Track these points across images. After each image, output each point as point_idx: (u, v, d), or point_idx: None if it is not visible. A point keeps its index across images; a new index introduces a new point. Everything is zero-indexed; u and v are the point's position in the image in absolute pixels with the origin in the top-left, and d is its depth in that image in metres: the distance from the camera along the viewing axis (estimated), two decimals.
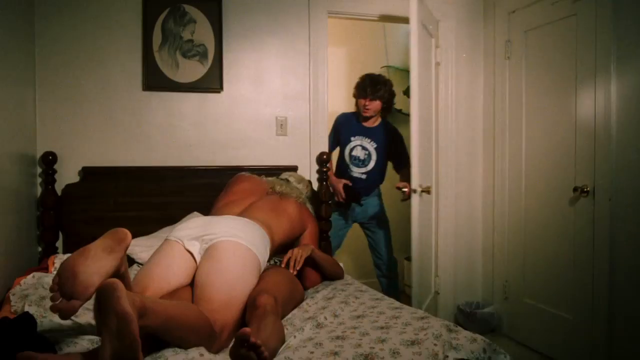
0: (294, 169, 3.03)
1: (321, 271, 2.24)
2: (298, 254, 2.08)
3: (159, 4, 2.83)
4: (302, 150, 3.11)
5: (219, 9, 2.92)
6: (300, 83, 3.13)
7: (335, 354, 1.32)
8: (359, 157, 3.25)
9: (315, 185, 3.11)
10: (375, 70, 4.24)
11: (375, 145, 3.23)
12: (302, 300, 1.94)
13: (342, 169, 3.30)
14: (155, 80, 2.84)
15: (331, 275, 2.27)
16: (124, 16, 2.81)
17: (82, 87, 2.76)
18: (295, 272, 2.04)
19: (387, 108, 3.24)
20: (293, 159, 3.07)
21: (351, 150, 3.26)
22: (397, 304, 1.81)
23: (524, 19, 3.04)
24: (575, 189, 2.66)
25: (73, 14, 2.73)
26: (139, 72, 2.84)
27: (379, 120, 3.28)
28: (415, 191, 2.74)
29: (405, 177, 3.15)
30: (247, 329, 1.17)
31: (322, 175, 3.09)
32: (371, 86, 3.10)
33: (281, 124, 3.08)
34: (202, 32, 2.90)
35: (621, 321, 2.43)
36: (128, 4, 2.82)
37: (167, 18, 2.85)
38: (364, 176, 3.25)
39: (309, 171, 3.12)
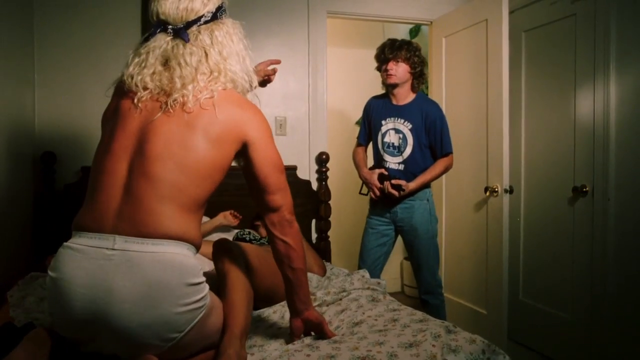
0: (293, 169, 3.02)
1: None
2: None
3: None
4: (301, 150, 3.11)
5: None
6: (300, 83, 3.12)
7: (332, 357, 1.31)
8: (392, 143, 2.60)
9: (314, 186, 3.12)
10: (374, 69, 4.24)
11: (410, 126, 2.56)
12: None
13: (377, 163, 2.68)
14: None
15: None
16: (123, 16, 2.81)
17: (81, 87, 2.76)
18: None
19: (418, 76, 2.59)
20: (292, 159, 3.06)
21: (383, 136, 2.63)
22: (395, 304, 1.80)
23: (522, 18, 3.03)
24: (574, 189, 2.65)
25: (72, 14, 2.73)
26: None
27: (413, 95, 2.63)
28: (507, 191, 2.73)
29: (437, 170, 2.57)
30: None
31: (322, 175, 3.09)
32: (390, 46, 2.56)
33: (280, 124, 3.08)
34: None
35: (620, 321, 2.43)
36: (127, 4, 2.82)
37: None
38: (401, 167, 2.59)
39: (308, 171, 3.12)
